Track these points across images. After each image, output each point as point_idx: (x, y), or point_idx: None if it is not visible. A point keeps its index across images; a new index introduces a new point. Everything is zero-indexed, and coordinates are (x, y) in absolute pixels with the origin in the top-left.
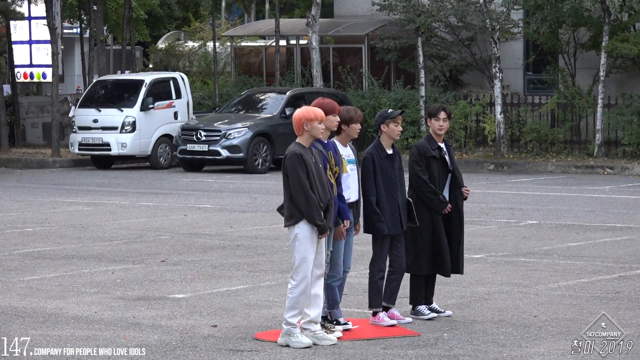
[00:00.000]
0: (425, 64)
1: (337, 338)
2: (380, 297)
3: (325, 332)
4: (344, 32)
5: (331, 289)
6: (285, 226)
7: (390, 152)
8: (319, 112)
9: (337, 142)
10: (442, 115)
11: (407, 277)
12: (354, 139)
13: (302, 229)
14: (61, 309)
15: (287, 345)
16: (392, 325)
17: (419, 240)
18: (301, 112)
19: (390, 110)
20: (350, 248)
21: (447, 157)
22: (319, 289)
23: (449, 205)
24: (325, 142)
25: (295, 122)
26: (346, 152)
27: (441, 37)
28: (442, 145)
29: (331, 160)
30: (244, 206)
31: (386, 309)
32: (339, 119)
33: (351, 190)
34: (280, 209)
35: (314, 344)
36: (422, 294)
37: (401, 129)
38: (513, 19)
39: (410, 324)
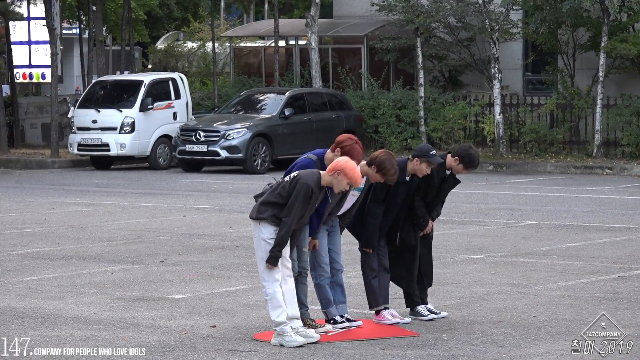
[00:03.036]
0: (424, 64)
1: (320, 335)
2: (377, 295)
3: (307, 328)
4: (343, 33)
5: (321, 288)
6: (251, 217)
7: (407, 179)
8: (359, 178)
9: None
10: (472, 169)
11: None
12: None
13: (267, 230)
14: (60, 310)
15: (281, 345)
16: (396, 324)
17: (392, 250)
18: (347, 164)
19: (433, 152)
20: (337, 247)
21: (444, 186)
22: (290, 284)
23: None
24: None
25: (333, 165)
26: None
27: (440, 37)
28: (448, 172)
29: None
30: (243, 207)
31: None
32: (349, 189)
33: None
34: (257, 197)
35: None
36: (417, 295)
37: (429, 172)
38: (512, 19)
39: (409, 325)
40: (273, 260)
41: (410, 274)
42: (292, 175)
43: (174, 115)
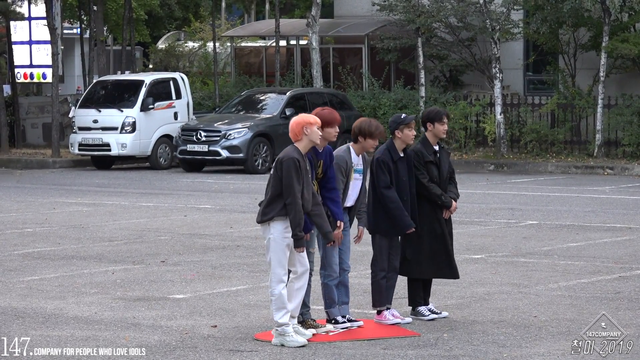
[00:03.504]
0: (425, 64)
1: (312, 335)
2: (383, 296)
3: (302, 327)
4: (344, 33)
5: (328, 288)
6: (257, 221)
7: (401, 155)
8: (316, 118)
9: (352, 150)
10: (446, 119)
11: (403, 278)
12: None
13: (276, 229)
14: (61, 310)
15: (282, 345)
16: (397, 324)
17: (409, 243)
18: (301, 117)
19: (403, 115)
20: (346, 247)
21: (440, 161)
22: (304, 282)
23: (454, 203)
24: (320, 150)
25: (295, 127)
26: (356, 161)
27: (441, 37)
28: (437, 147)
29: (318, 168)
30: (244, 206)
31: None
32: (337, 130)
33: (350, 197)
34: (261, 203)
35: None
36: (421, 295)
37: (415, 133)
38: (513, 19)
39: (410, 325)
40: (298, 242)
41: (449, 262)
42: (274, 164)
43: (175, 115)
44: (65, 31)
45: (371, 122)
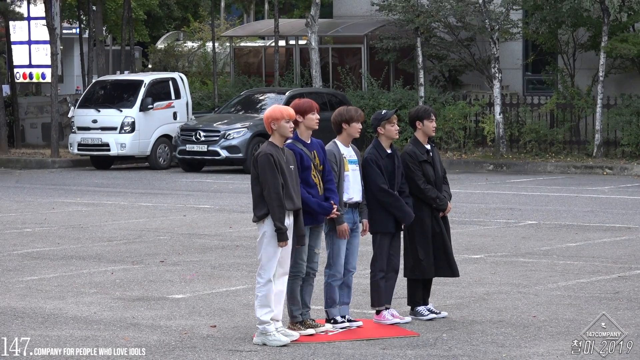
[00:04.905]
0: (424, 64)
1: (302, 336)
2: (382, 296)
3: (290, 329)
4: (343, 33)
5: (331, 288)
6: (253, 221)
7: (389, 151)
8: (287, 110)
9: (338, 142)
10: (433, 117)
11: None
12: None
13: (269, 226)
14: (60, 309)
15: (264, 344)
16: (396, 324)
17: (420, 245)
18: (269, 111)
19: (384, 111)
20: (354, 249)
21: (434, 159)
22: (282, 285)
23: (449, 205)
24: (308, 142)
25: (265, 122)
26: (348, 152)
27: (440, 37)
28: (428, 147)
29: (315, 160)
30: (243, 206)
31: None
32: (318, 117)
33: (353, 190)
34: None
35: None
36: (420, 295)
37: (398, 127)
38: (512, 19)
39: (409, 324)
40: (280, 236)
41: (448, 259)
42: (251, 163)
43: (174, 115)
44: (64, 31)
45: (349, 107)
